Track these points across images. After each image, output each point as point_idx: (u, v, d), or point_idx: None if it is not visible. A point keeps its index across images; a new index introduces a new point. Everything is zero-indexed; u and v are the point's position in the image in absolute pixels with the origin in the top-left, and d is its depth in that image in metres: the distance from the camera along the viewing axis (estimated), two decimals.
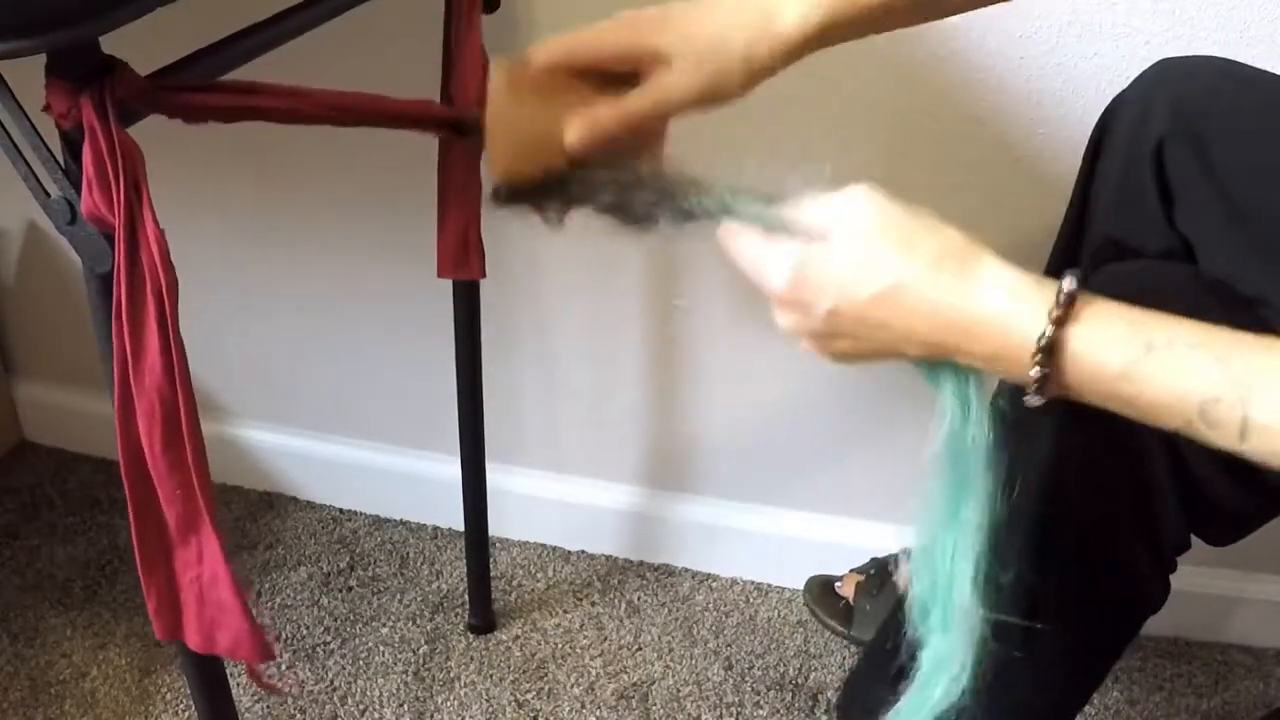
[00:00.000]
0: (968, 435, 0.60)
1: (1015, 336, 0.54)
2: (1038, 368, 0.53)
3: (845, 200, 0.59)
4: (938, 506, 0.63)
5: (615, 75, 0.68)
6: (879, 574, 1.23)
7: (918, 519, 0.65)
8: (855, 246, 0.57)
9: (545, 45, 0.68)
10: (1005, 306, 0.54)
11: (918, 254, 0.56)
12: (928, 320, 0.56)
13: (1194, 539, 0.78)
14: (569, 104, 0.68)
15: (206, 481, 0.64)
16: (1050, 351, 0.53)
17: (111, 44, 0.58)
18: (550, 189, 0.70)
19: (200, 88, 0.64)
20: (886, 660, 0.87)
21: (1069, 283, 0.53)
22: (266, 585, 1.33)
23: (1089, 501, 0.74)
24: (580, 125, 0.67)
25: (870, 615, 1.21)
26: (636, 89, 0.67)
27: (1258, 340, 0.51)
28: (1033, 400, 0.55)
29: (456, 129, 0.82)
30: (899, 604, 0.92)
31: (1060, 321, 0.53)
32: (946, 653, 0.64)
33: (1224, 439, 0.51)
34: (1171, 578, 0.77)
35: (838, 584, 1.26)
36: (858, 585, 1.24)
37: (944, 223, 0.58)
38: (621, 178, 0.68)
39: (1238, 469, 0.71)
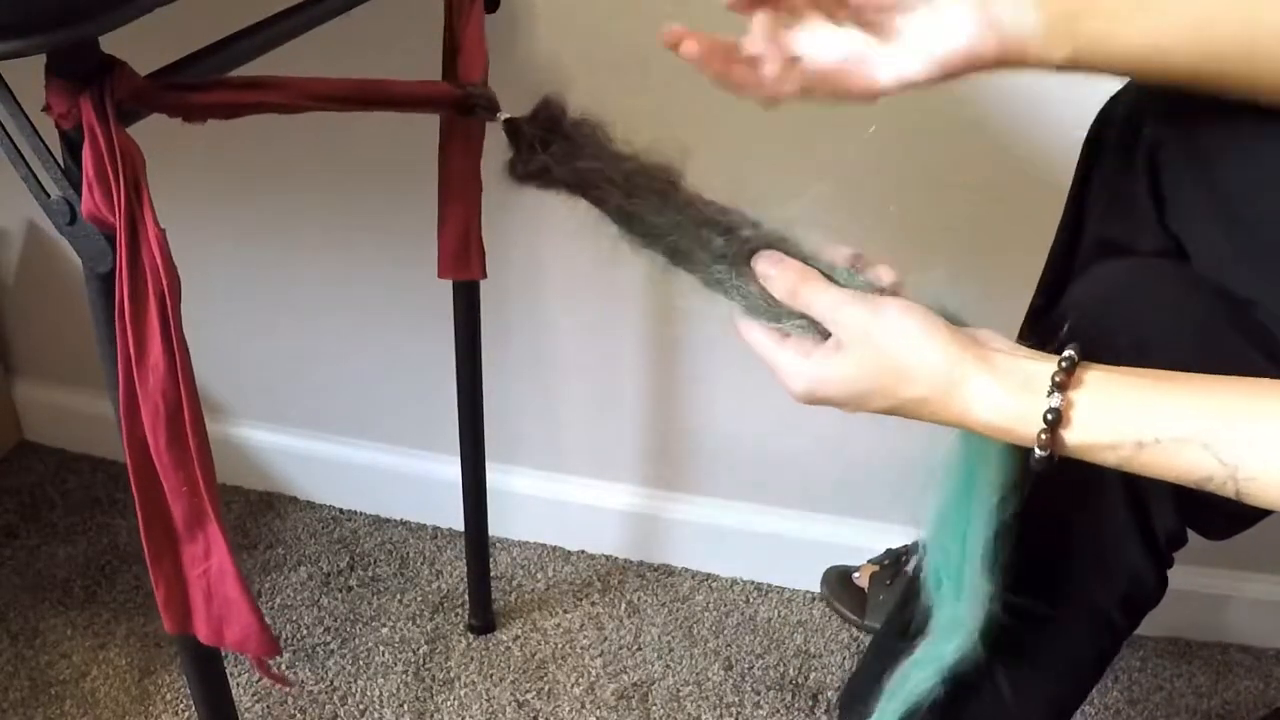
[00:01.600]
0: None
1: (1015, 436, 0.59)
2: (1040, 450, 0.58)
3: (854, 319, 0.63)
4: (954, 482, 0.67)
5: None
6: (893, 565, 1.23)
7: (934, 499, 0.69)
8: (857, 375, 0.63)
9: None
10: (999, 425, 0.60)
11: (912, 388, 0.61)
12: (938, 420, 0.62)
13: (1191, 534, 0.78)
14: None
15: (211, 479, 0.64)
16: (1050, 447, 0.58)
17: (111, 44, 0.58)
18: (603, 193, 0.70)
19: (200, 85, 0.63)
20: (890, 656, 0.87)
21: (1055, 400, 0.57)
22: (266, 585, 1.33)
23: (1082, 494, 0.74)
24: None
25: (883, 605, 1.22)
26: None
27: (1249, 398, 0.56)
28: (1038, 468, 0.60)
29: (462, 108, 0.81)
30: (903, 599, 0.92)
31: (1053, 428, 0.58)
32: (956, 620, 0.69)
33: (1224, 497, 0.57)
34: (1172, 578, 0.77)
35: (855, 574, 1.27)
36: (873, 576, 1.24)
37: (943, 341, 0.61)
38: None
39: None
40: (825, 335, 0.64)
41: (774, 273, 0.66)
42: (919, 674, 0.71)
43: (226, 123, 0.66)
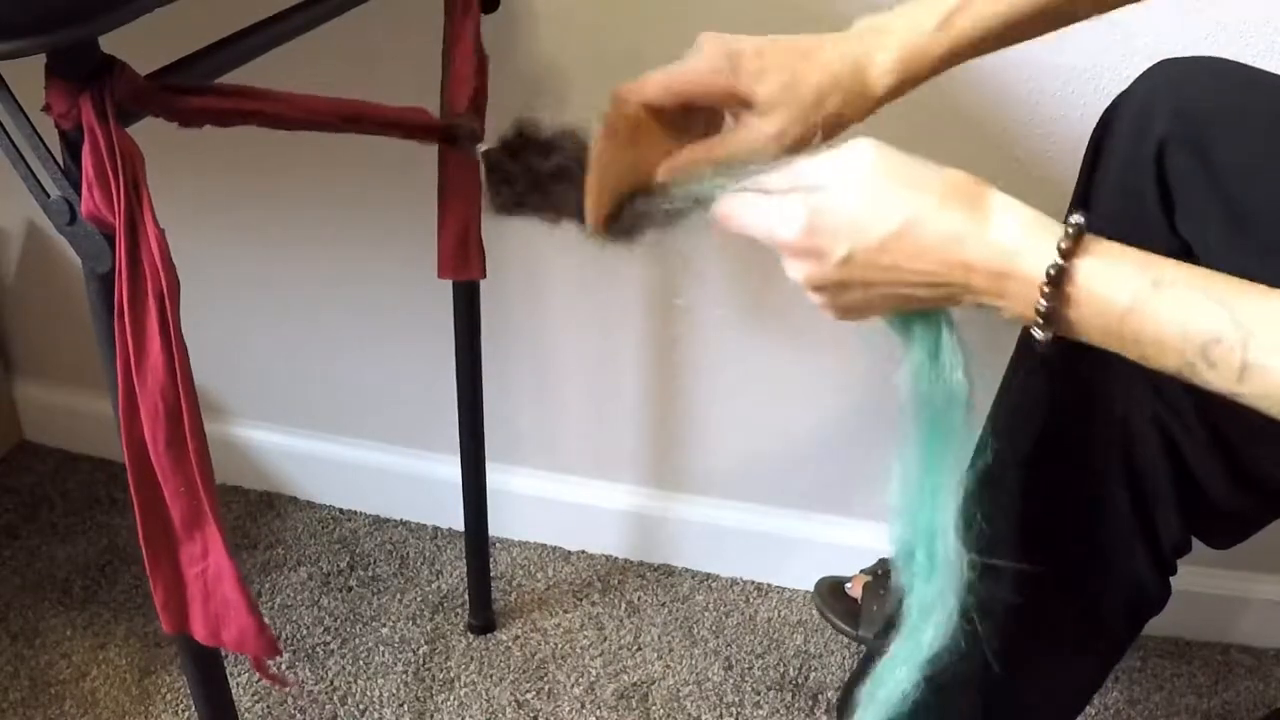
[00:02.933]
0: (940, 383, 0.62)
1: (1024, 268, 0.54)
2: (1044, 300, 0.54)
3: (849, 150, 0.59)
4: (915, 453, 0.65)
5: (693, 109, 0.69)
6: (886, 574, 1.23)
7: (897, 467, 0.66)
8: (864, 189, 0.58)
9: (641, 84, 0.68)
10: (1015, 238, 0.55)
11: (926, 191, 0.57)
12: (937, 256, 0.56)
13: (1195, 542, 0.78)
14: (655, 142, 0.69)
15: (210, 479, 0.64)
16: (1058, 283, 0.54)
17: (111, 44, 0.58)
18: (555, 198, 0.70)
19: (199, 90, 0.64)
20: (873, 659, 0.87)
21: (1077, 217, 0.54)
22: (266, 585, 1.33)
23: (1090, 504, 0.74)
24: (668, 170, 0.69)
25: (877, 615, 1.21)
26: (729, 134, 0.69)
27: (1260, 289, 0.52)
28: (1040, 334, 0.55)
29: (448, 138, 0.82)
30: (899, 606, 0.92)
31: (1068, 254, 0.53)
32: (933, 597, 0.66)
33: (1222, 380, 0.52)
34: (1173, 579, 0.77)
35: (847, 585, 1.26)
36: (866, 586, 1.24)
37: (949, 168, 0.59)
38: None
39: (1238, 471, 0.71)
40: None
41: (735, 198, 0.63)
42: (897, 672, 0.69)
43: (221, 128, 0.66)
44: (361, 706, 1.18)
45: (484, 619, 1.28)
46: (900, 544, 0.67)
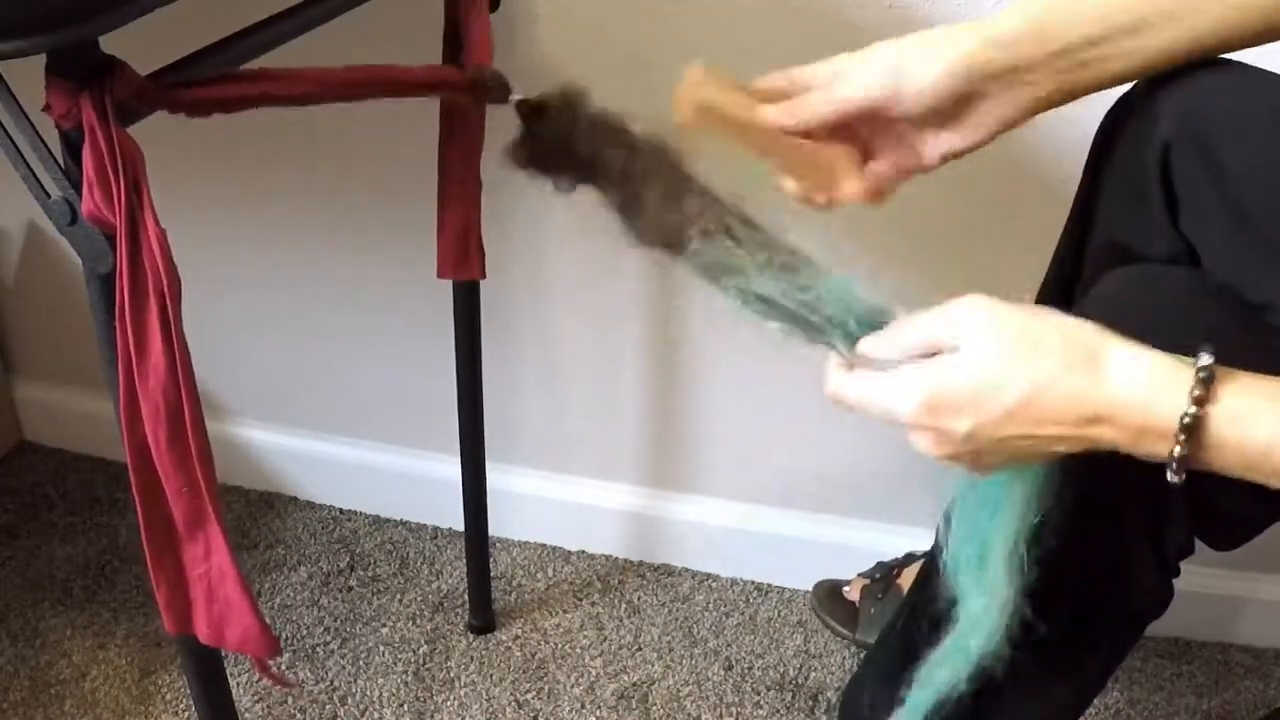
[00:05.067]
0: None
1: (1157, 419, 0.55)
2: (1180, 448, 0.54)
3: (960, 312, 0.58)
4: (989, 486, 0.64)
5: None
6: (884, 578, 1.23)
7: (968, 490, 0.65)
8: (985, 362, 0.57)
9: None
10: (1144, 391, 0.55)
11: (1046, 354, 0.56)
12: (1067, 420, 0.56)
13: (1198, 544, 0.78)
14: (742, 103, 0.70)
15: (212, 479, 0.64)
16: (1192, 431, 0.54)
17: (111, 44, 0.58)
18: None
19: (203, 80, 0.63)
20: (888, 664, 0.87)
21: (1206, 358, 0.54)
22: (266, 585, 1.33)
23: (1093, 507, 0.74)
24: (780, 112, 0.69)
25: (875, 619, 1.21)
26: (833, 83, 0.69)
27: None
28: (1174, 478, 0.56)
29: (473, 90, 0.79)
30: (902, 610, 0.92)
31: (1201, 401, 0.54)
32: (985, 606, 0.65)
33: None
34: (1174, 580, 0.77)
35: (845, 588, 1.26)
36: (864, 589, 1.24)
37: (1063, 316, 0.58)
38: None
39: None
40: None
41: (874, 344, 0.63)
42: (940, 674, 0.69)
43: (227, 123, 0.66)
44: (361, 706, 1.18)
45: (484, 619, 1.28)
46: (956, 550, 0.66)
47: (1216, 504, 0.71)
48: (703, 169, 0.71)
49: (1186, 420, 0.54)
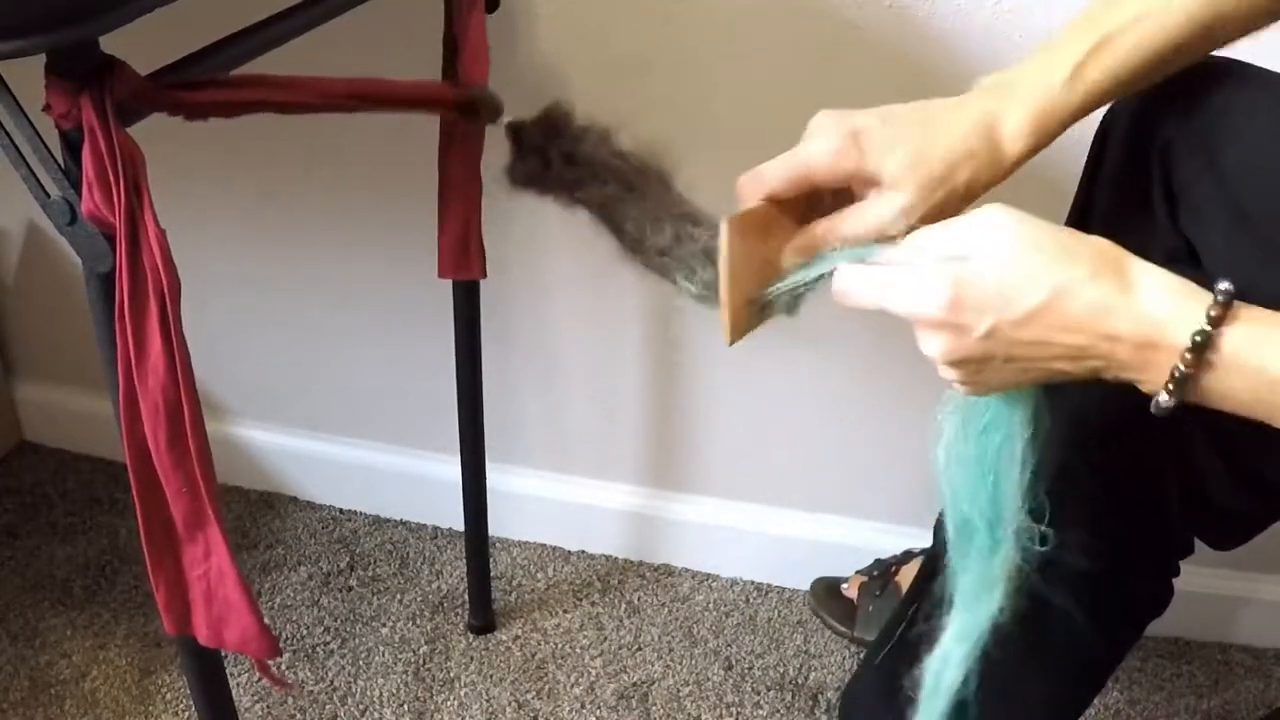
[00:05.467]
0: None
1: (1170, 337, 0.54)
2: (1183, 366, 0.53)
3: (983, 218, 0.58)
4: (978, 425, 0.63)
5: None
6: (882, 575, 1.23)
7: (953, 442, 0.64)
8: (1010, 259, 0.56)
9: (761, 176, 0.66)
10: (1163, 307, 0.54)
11: (1075, 261, 0.55)
12: (1086, 328, 0.55)
13: (1198, 543, 0.78)
14: (784, 229, 0.67)
15: (211, 480, 0.64)
16: (1202, 350, 0.53)
17: (111, 44, 0.58)
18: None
19: (201, 84, 0.63)
20: (888, 662, 0.87)
21: (1225, 284, 0.53)
22: (266, 585, 1.33)
23: (1093, 504, 0.74)
24: (795, 254, 0.67)
25: (873, 616, 1.21)
26: (854, 214, 0.66)
27: None
28: (1165, 399, 0.55)
29: (465, 109, 0.80)
30: (901, 610, 0.92)
31: (1217, 321, 0.53)
32: (995, 573, 0.64)
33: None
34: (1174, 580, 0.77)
35: (843, 586, 1.26)
36: (861, 586, 1.24)
37: (1090, 236, 0.57)
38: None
39: (1239, 472, 0.71)
40: None
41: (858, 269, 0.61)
42: (956, 651, 0.68)
43: (227, 123, 0.66)
44: (361, 706, 1.18)
45: (484, 619, 1.28)
46: (960, 521, 0.65)
47: (1212, 500, 0.71)
48: (689, 185, 0.71)
49: (1199, 338, 0.53)
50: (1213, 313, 0.53)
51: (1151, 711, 1.21)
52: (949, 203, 0.65)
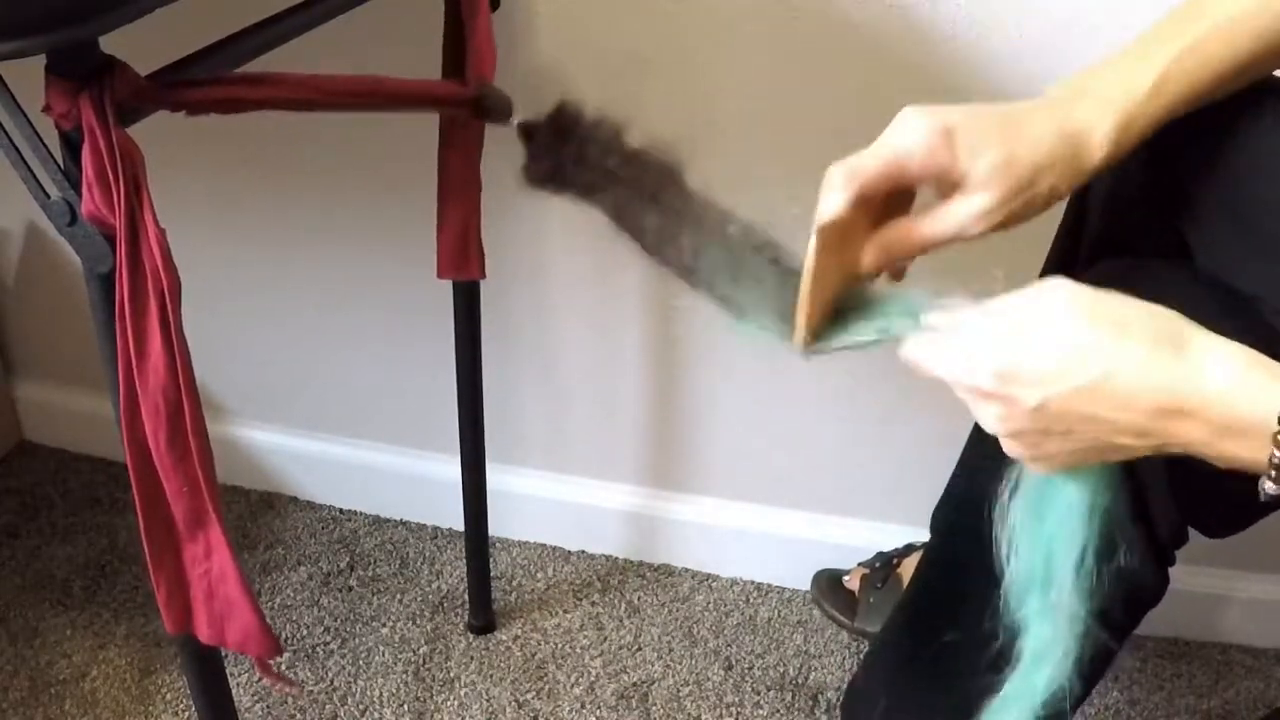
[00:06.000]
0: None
1: (1252, 418, 0.51)
2: (1278, 451, 0.51)
3: (1043, 290, 0.57)
4: (1045, 499, 0.62)
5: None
6: (884, 568, 1.23)
7: (1018, 510, 0.63)
8: (1062, 333, 0.55)
9: (860, 168, 0.63)
10: (1235, 387, 0.52)
11: (1131, 338, 0.53)
12: (1146, 408, 0.53)
13: (1192, 533, 0.78)
14: (863, 229, 0.66)
15: (212, 479, 0.64)
16: None
17: (111, 44, 0.58)
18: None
19: (203, 82, 0.63)
20: (890, 659, 0.87)
21: None
22: (266, 585, 1.33)
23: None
24: (876, 253, 0.66)
25: (874, 608, 1.22)
26: (938, 215, 0.65)
27: None
28: (1269, 488, 0.52)
29: (475, 108, 0.80)
30: (903, 604, 0.92)
31: None
32: (1049, 640, 0.63)
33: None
34: (1172, 578, 0.77)
35: (845, 578, 1.27)
36: (863, 579, 1.24)
37: (1142, 302, 0.56)
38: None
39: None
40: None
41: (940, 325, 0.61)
42: (1010, 713, 0.66)
43: (227, 123, 0.66)
44: (361, 706, 1.18)
45: (484, 619, 1.28)
46: (1018, 582, 0.64)
47: (1199, 478, 0.71)
48: (702, 182, 0.71)
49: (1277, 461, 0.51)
50: None
51: (1151, 711, 1.21)
52: (1028, 209, 0.64)
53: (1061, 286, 0.56)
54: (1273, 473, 0.52)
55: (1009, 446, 0.60)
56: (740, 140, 1.09)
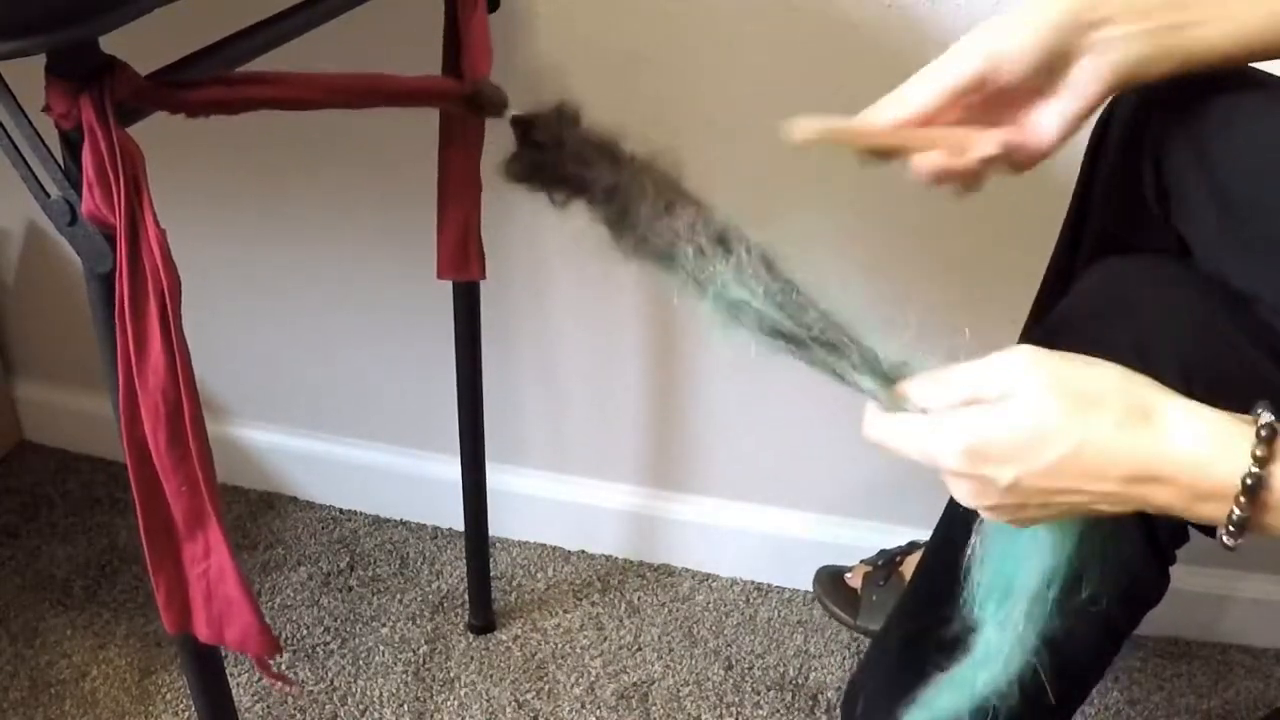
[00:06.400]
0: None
1: (1216, 479, 0.53)
2: (1239, 510, 0.52)
3: (1006, 361, 0.57)
4: (1027, 534, 0.62)
5: None
6: (886, 565, 1.23)
7: (1000, 530, 0.63)
8: (1033, 412, 0.54)
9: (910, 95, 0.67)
10: (1204, 451, 0.53)
11: (1099, 410, 0.54)
12: (1118, 476, 0.54)
13: (1192, 532, 0.78)
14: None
15: (212, 479, 0.64)
16: (1254, 491, 0.52)
17: (112, 44, 0.58)
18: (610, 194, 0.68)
19: (202, 82, 0.63)
20: (889, 672, 0.87)
21: (1267, 416, 0.52)
22: (266, 585, 1.33)
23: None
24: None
25: (876, 605, 1.22)
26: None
27: None
28: (1228, 542, 0.54)
29: (470, 103, 0.79)
30: (904, 611, 0.92)
31: (1264, 461, 0.52)
32: (994, 652, 0.64)
33: None
34: (1172, 578, 0.77)
35: (848, 575, 1.27)
36: (865, 576, 1.24)
37: (1113, 368, 0.56)
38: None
39: None
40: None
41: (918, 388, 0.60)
42: (949, 696, 0.68)
43: (227, 123, 0.66)
44: (361, 706, 1.18)
45: (484, 619, 1.28)
46: (981, 587, 0.65)
47: None
48: (694, 186, 0.71)
49: (1249, 481, 0.52)
50: (1258, 452, 0.52)
51: (1151, 711, 1.21)
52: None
53: (1027, 357, 0.56)
54: (1231, 528, 0.53)
55: (988, 516, 0.60)
56: (739, 139, 1.09)
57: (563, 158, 0.71)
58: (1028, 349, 0.57)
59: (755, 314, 0.65)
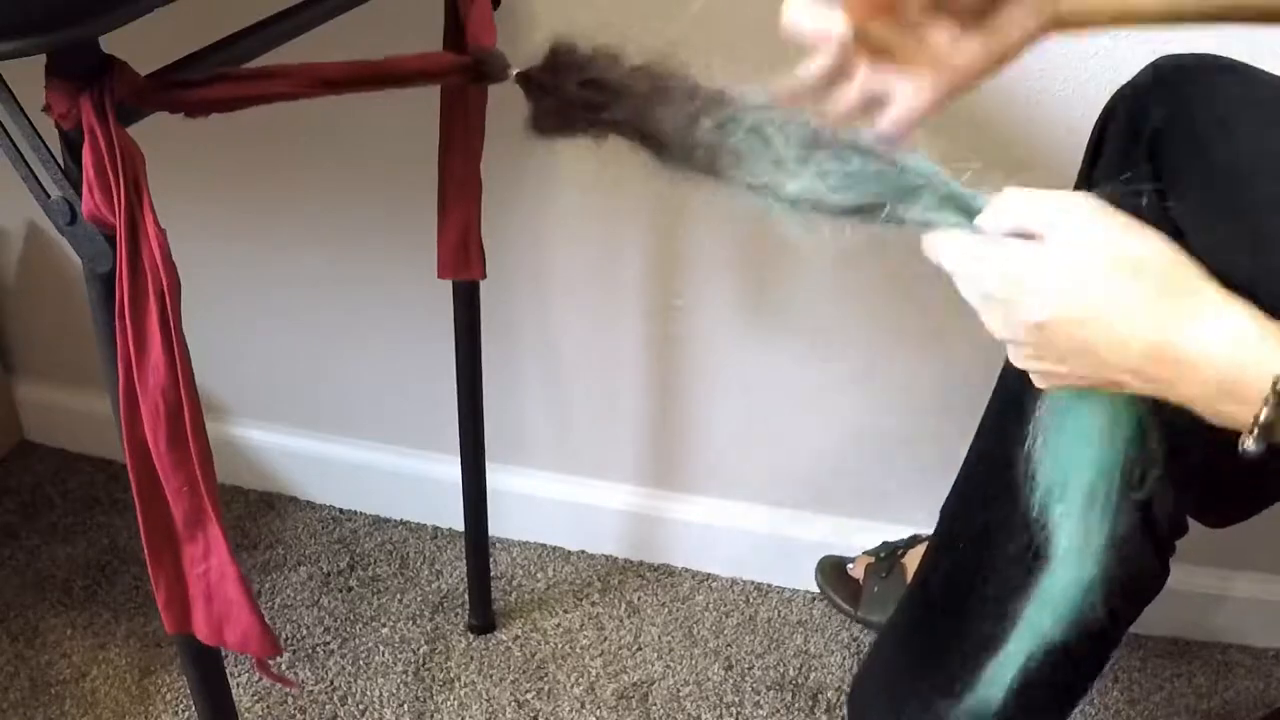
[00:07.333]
0: None
1: (1245, 377, 0.51)
2: (1268, 411, 0.51)
3: (1069, 205, 0.56)
4: (1086, 420, 0.61)
5: None
6: (889, 558, 1.23)
7: (1061, 420, 0.62)
8: (1075, 259, 0.54)
9: None
10: (1237, 344, 0.52)
11: (1139, 278, 0.53)
12: (1143, 351, 0.53)
13: (1192, 531, 0.78)
14: None
15: (212, 479, 0.64)
16: (1275, 418, 0.51)
17: (111, 44, 0.58)
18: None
19: (202, 80, 0.63)
20: (895, 651, 0.87)
21: None
22: (266, 585, 1.33)
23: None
24: None
25: (878, 597, 1.22)
26: None
27: None
28: (1250, 446, 0.52)
29: (472, 73, 0.79)
30: (908, 597, 0.92)
31: None
32: (1081, 534, 0.63)
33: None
34: (1170, 577, 0.77)
35: (850, 566, 1.27)
36: (868, 567, 1.24)
37: (1168, 244, 0.55)
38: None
39: (1220, 439, 0.71)
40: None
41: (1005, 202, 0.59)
42: (1040, 615, 0.66)
43: (227, 123, 0.66)
44: (361, 706, 1.18)
45: (484, 619, 1.28)
46: (1042, 490, 0.64)
47: (1195, 464, 0.71)
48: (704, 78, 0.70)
49: (1263, 421, 0.51)
50: None
51: (1151, 711, 1.21)
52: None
53: (1090, 206, 0.56)
54: (1255, 431, 0.52)
55: (1013, 354, 0.60)
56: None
57: (574, 92, 0.70)
58: (1094, 200, 0.56)
59: (815, 200, 0.63)
